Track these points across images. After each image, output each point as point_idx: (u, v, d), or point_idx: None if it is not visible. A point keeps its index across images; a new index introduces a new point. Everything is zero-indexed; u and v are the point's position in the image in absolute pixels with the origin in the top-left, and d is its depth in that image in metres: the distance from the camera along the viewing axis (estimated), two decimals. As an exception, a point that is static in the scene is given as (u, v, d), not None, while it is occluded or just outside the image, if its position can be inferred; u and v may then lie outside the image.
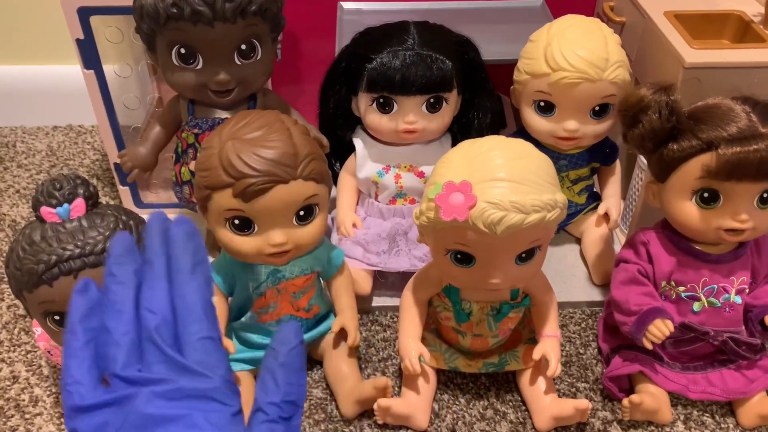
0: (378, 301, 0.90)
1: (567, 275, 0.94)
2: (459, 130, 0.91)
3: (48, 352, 0.74)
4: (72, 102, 1.21)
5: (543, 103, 0.85)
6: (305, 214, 0.68)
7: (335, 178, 0.93)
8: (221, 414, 0.37)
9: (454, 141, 0.91)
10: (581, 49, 0.80)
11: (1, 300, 0.91)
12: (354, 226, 0.89)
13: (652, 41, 0.91)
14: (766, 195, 0.68)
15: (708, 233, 0.70)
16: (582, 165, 0.92)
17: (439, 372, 0.80)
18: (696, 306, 0.74)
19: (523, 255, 0.65)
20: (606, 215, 0.92)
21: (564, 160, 0.91)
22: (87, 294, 0.38)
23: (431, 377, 0.77)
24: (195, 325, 0.37)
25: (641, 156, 0.90)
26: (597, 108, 0.84)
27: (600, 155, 0.93)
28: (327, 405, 0.78)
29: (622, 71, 0.82)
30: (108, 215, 0.65)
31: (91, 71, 0.89)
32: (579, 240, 0.99)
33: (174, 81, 0.82)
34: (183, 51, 0.79)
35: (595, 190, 0.99)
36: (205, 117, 0.86)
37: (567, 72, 0.80)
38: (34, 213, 0.64)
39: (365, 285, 0.88)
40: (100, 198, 0.67)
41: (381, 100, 0.84)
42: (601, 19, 0.92)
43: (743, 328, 0.76)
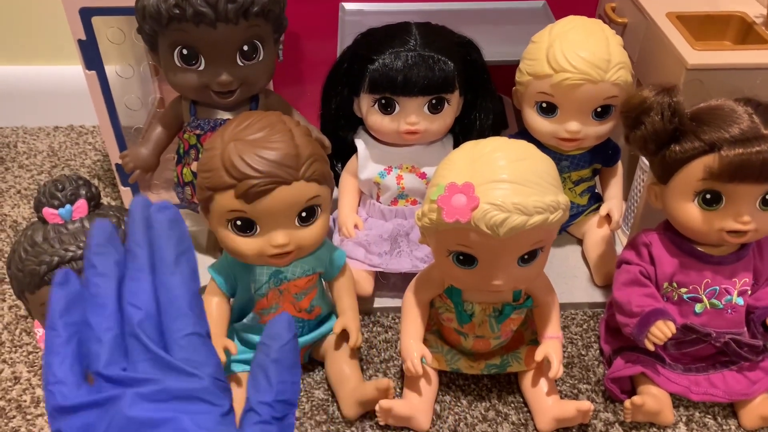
0: (380, 302, 0.90)
1: (569, 276, 0.94)
2: (461, 131, 0.91)
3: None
4: (73, 102, 1.21)
5: (545, 104, 0.85)
6: (307, 215, 0.68)
7: (337, 179, 0.92)
8: (210, 416, 0.35)
9: (455, 142, 0.91)
10: (583, 51, 0.80)
11: (3, 301, 0.91)
12: (356, 227, 0.88)
13: (654, 42, 0.91)
14: (768, 196, 0.68)
15: (710, 235, 0.70)
16: (584, 166, 0.92)
17: (441, 373, 0.80)
18: (698, 307, 0.74)
19: (526, 256, 0.65)
20: (608, 216, 0.92)
21: (566, 161, 0.91)
22: (67, 286, 0.35)
23: (433, 378, 0.77)
24: (180, 321, 0.35)
25: (643, 157, 0.90)
26: (599, 109, 0.84)
27: (602, 156, 0.93)
28: (329, 406, 0.78)
29: (624, 72, 0.82)
30: (110, 216, 0.65)
31: (93, 72, 0.89)
32: (581, 241, 0.99)
33: (176, 82, 0.82)
34: (185, 52, 0.79)
35: (597, 191, 0.99)
36: (207, 118, 0.86)
37: (569, 73, 0.80)
38: (36, 214, 0.64)
39: (367, 286, 0.88)
40: (101, 199, 0.67)
41: (383, 101, 0.84)
42: (603, 20, 0.92)
43: (745, 329, 0.76)
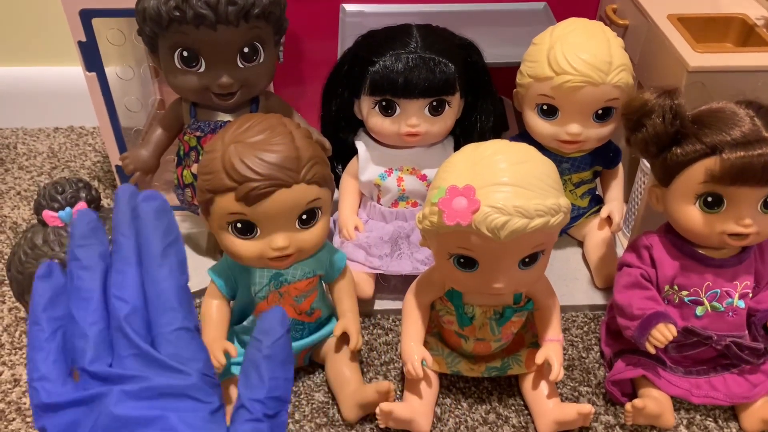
0: (380, 305, 0.90)
1: (569, 278, 0.94)
2: (461, 133, 0.91)
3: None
4: (73, 103, 1.21)
5: (546, 107, 0.85)
6: (308, 217, 0.68)
7: (337, 180, 0.92)
8: (198, 413, 0.34)
9: (456, 144, 0.91)
10: (584, 53, 0.80)
11: (3, 303, 0.91)
12: (356, 229, 0.88)
13: (655, 44, 0.90)
14: (770, 199, 0.67)
15: (712, 237, 0.70)
16: (585, 168, 0.92)
17: (442, 376, 0.80)
18: (699, 310, 0.74)
19: (527, 259, 0.65)
20: (608, 218, 0.92)
21: (567, 163, 0.91)
22: (50, 280, 0.35)
23: (433, 381, 0.77)
24: (168, 315, 0.34)
25: (644, 160, 0.90)
26: (600, 111, 0.84)
27: (603, 158, 0.93)
28: (329, 409, 0.78)
29: (625, 75, 0.82)
30: (110, 219, 0.64)
31: (93, 73, 0.89)
32: (581, 243, 0.99)
33: (176, 84, 0.82)
34: (185, 54, 0.79)
35: (598, 193, 0.99)
36: (207, 120, 0.86)
37: (570, 75, 0.80)
38: (36, 216, 0.64)
39: (367, 288, 0.87)
40: (102, 201, 0.67)
41: (384, 103, 0.84)
42: (604, 22, 0.92)
43: (746, 332, 0.76)
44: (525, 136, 0.90)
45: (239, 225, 0.66)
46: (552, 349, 0.73)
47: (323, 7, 1.05)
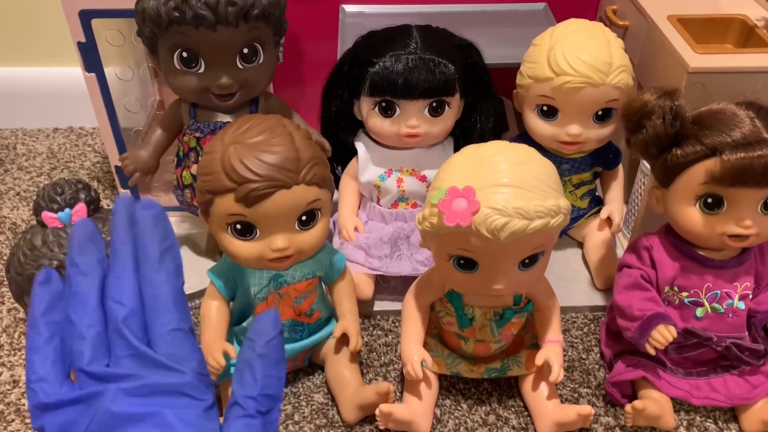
0: (380, 306, 0.90)
1: (569, 279, 0.94)
2: (461, 134, 0.91)
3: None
4: (73, 104, 1.21)
5: (546, 108, 0.85)
6: (307, 219, 0.68)
7: (337, 181, 0.92)
8: (193, 410, 0.35)
9: (456, 145, 0.91)
10: (584, 54, 0.80)
11: (2, 304, 0.91)
12: (356, 230, 0.88)
13: (655, 45, 0.90)
14: (770, 200, 0.67)
15: (712, 239, 0.70)
16: (584, 169, 0.92)
17: (441, 377, 0.80)
18: (699, 312, 0.74)
19: (527, 261, 0.65)
20: (608, 219, 0.92)
21: (567, 164, 0.91)
22: (49, 286, 0.36)
23: (433, 382, 0.77)
24: (164, 317, 0.35)
25: (644, 161, 0.90)
26: (600, 112, 0.84)
27: (603, 159, 0.93)
28: (328, 410, 0.78)
29: (625, 76, 0.82)
30: (109, 220, 0.64)
31: (93, 74, 0.89)
32: (581, 244, 0.99)
33: (176, 84, 0.82)
34: (185, 55, 0.78)
35: (598, 194, 0.99)
36: (207, 121, 0.86)
37: (570, 76, 0.80)
38: (35, 217, 0.64)
39: (367, 289, 0.87)
40: (101, 202, 0.67)
41: (383, 103, 0.84)
42: (604, 23, 0.92)
43: (746, 333, 0.76)
44: (525, 137, 0.90)
45: (239, 226, 0.66)
46: (552, 351, 0.73)
47: (323, 8, 1.05)
